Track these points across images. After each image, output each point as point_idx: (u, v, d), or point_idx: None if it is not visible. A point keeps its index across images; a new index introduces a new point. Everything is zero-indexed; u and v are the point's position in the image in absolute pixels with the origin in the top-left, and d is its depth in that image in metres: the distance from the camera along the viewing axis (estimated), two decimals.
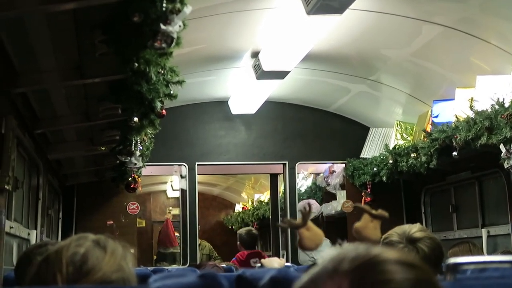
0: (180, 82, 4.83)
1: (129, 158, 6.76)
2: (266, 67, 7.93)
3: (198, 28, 7.16)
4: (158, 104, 4.89)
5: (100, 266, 1.91)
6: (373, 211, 3.61)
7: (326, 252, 3.25)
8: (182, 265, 10.05)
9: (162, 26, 3.39)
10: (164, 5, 3.33)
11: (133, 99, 4.86)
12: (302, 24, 6.57)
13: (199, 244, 14.03)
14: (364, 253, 1.27)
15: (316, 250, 3.49)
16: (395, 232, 3.47)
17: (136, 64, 3.98)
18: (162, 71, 4.58)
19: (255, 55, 8.11)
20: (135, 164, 7.07)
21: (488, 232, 8.01)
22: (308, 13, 6.14)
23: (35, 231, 6.83)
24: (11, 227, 5.52)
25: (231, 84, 9.51)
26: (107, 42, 3.87)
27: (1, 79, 4.59)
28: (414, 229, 3.48)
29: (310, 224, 3.41)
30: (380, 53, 8.30)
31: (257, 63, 8.07)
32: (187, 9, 3.45)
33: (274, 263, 5.32)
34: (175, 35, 3.47)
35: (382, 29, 7.47)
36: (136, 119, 5.32)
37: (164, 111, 5.22)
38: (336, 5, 6.00)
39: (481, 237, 8.04)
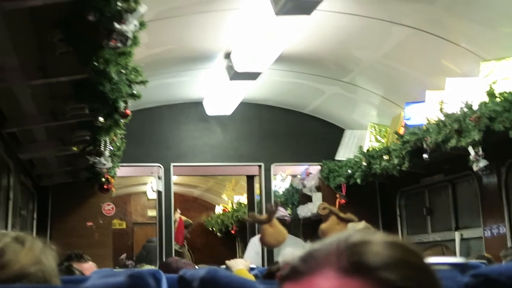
0: (143, 82, 4.84)
1: (98, 158, 6.74)
2: (238, 68, 7.93)
3: (170, 28, 7.19)
4: (122, 104, 4.89)
5: (17, 259, 1.94)
6: (341, 214, 3.61)
7: (287, 251, 3.24)
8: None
9: (117, 25, 3.39)
10: (119, 4, 3.33)
11: (97, 98, 4.86)
12: (272, 24, 6.59)
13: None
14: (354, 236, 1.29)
15: (277, 247, 3.49)
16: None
17: (96, 63, 3.97)
18: (124, 71, 4.58)
19: (228, 56, 8.12)
20: (104, 164, 7.05)
21: (461, 235, 8.03)
22: (277, 13, 6.17)
23: (5, 231, 6.79)
24: None
25: (206, 85, 9.50)
26: (66, 41, 3.87)
27: None
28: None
29: (275, 221, 3.42)
30: (352, 55, 8.32)
31: (229, 64, 8.07)
32: (142, 9, 3.45)
33: (239, 264, 5.31)
34: (130, 34, 3.47)
35: (353, 31, 7.50)
36: (101, 119, 5.31)
37: (128, 111, 5.21)
38: (304, 5, 6.03)
39: (455, 240, 8.06)
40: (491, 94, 6.01)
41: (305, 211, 10.98)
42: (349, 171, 9.35)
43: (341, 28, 7.41)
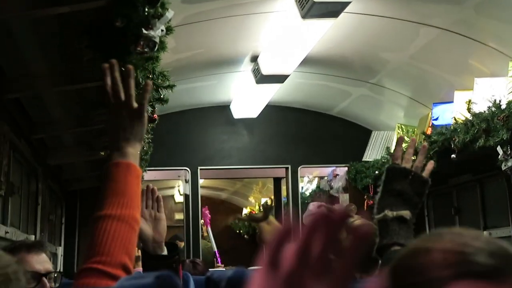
0: (170, 87, 4.82)
1: None
2: (265, 71, 7.94)
3: (196, 33, 7.19)
4: (149, 109, 4.89)
5: None
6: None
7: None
8: None
9: (144, 31, 3.40)
10: (146, 9, 3.33)
11: None
12: (298, 28, 6.60)
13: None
14: None
15: None
16: None
17: (123, 69, 3.97)
18: (151, 76, 4.58)
19: (254, 59, 8.12)
20: None
21: (490, 234, 7.97)
22: (303, 17, 6.17)
23: (34, 236, 6.84)
24: (6, 232, 5.52)
25: (233, 89, 9.53)
26: (93, 47, 3.88)
27: None
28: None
29: (271, 218, 3.42)
30: (379, 56, 8.29)
31: (256, 67, 8.09)
32: (169, 14, 3.46)
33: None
34: (157, 40, 3.48)
35: (380, 32, 7.48)
36: None
37: (155, 115, 5.21)
38: (330, 9, 6.02)
39: None
40: None
41: None
42: (377, 172, 9.32)
43: (368, 30, 7.40)
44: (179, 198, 17.44)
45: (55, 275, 3.36)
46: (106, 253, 1.92)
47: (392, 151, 8.62)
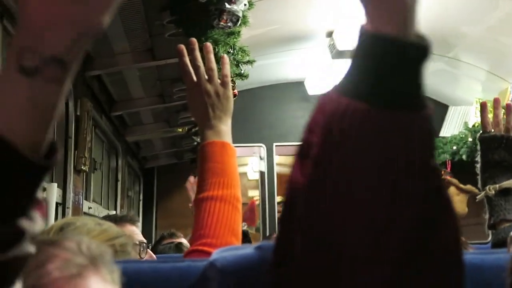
0: (250, 62, 4.85)
1: None
2: (340, 46, 7.88)
3: (272, 8, 7.18)
4: None
5: (86, 233, 1.95)
6: (461, 185, 3.53)
7: None
8: None
9: (227, 5, 3.42)
10: None
11: None
12: None
13: None
14: None
15: None
16: None
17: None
18: (232, 51, 4.60)
19: (330, 34, 8.07)
20: None
21: None
22: None
23: (115, 212, 6.96)
24: (89, 208, 5.64)
25: (307, 65, 9.48)
26: (176, 22, 3.92)
27: None
28: None
29: None
30: (457, 30, 8.17)
31: (332, 43, 8.03)
32: None
33: None
34: (240, 14, 3.50)
35: (457, 5, 7.37)
36: None
37: (235, 91, 5.24)
38: None
39: None
40: None
41: None
42: (454, 147, 9.20)
43: (445, 3, 7.30)
44: (252, 176, 17.49)
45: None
46: (212, 235, 1.93)
47: (470, 126, 8.54)
